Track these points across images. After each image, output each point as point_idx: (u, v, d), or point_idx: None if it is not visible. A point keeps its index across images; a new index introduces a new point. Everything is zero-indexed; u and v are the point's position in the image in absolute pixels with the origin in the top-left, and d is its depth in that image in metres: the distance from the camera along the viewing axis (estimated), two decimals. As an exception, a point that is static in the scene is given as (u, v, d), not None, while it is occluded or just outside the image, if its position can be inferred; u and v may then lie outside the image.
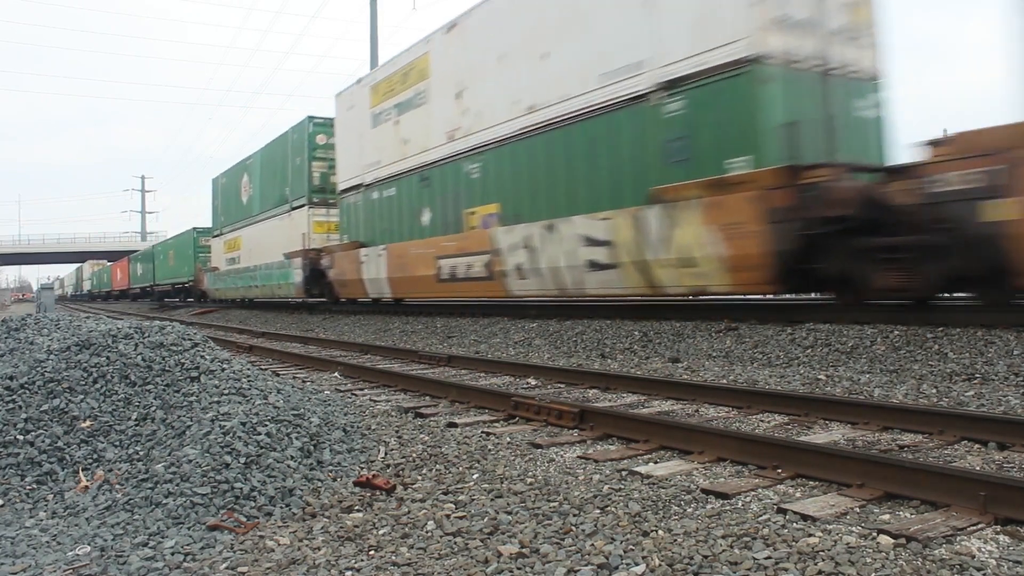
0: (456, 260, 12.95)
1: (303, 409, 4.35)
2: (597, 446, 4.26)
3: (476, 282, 12.41)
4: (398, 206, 15.28)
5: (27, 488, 3.54)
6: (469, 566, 2.51)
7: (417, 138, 14.49)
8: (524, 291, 11.56)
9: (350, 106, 17.52)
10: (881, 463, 3.16)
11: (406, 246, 14.65)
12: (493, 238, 11.94)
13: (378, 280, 15.63)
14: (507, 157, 11.91)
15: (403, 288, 15.02)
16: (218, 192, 28.89)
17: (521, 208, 11.57)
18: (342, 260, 17.22)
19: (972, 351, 6.18)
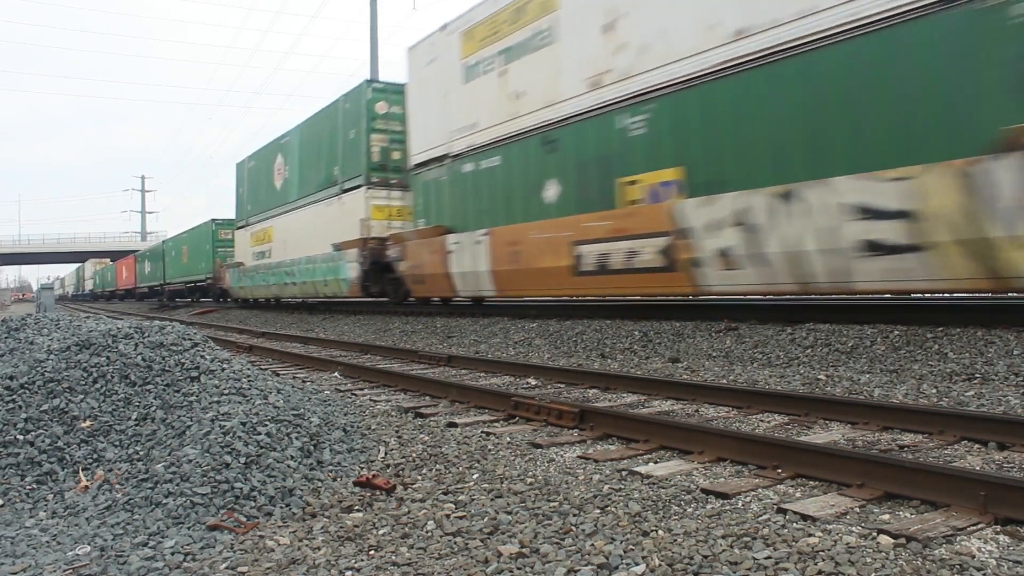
0: (609, 246, 9.65)
1: (303, 409, 4.35)
2: (597, 446, 4.26)
3: (644, 274, 9.22)
4: (505, 179, 11.94)
5: (27, 488, 3.54)
6: (469, 566, 2.51)
7: (537, 90, 11.17)
8: (732, 286, 8.35)
9: (430, 59, 14.05)
10: (881, 463, 3.16)
11: (520, 230, 11.39)
12: (676, 214, 8.73)
13: (474, 274, 12.52)
14: (694, 104, 8.70)
15: (516, 283, 11.75)
16: (243, 178, 25.63)
17: (723, 172, 8.36)
18: (418, 250, 14.11)
19: (972, 351, 6.18)
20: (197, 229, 34.23)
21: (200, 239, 33.31)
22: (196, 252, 33.91)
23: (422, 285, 14.31)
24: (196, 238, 34.21)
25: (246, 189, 25.29)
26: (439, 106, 13.81)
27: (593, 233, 10.02)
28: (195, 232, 34.63)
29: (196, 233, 34.36)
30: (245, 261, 25.29)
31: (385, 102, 16.52)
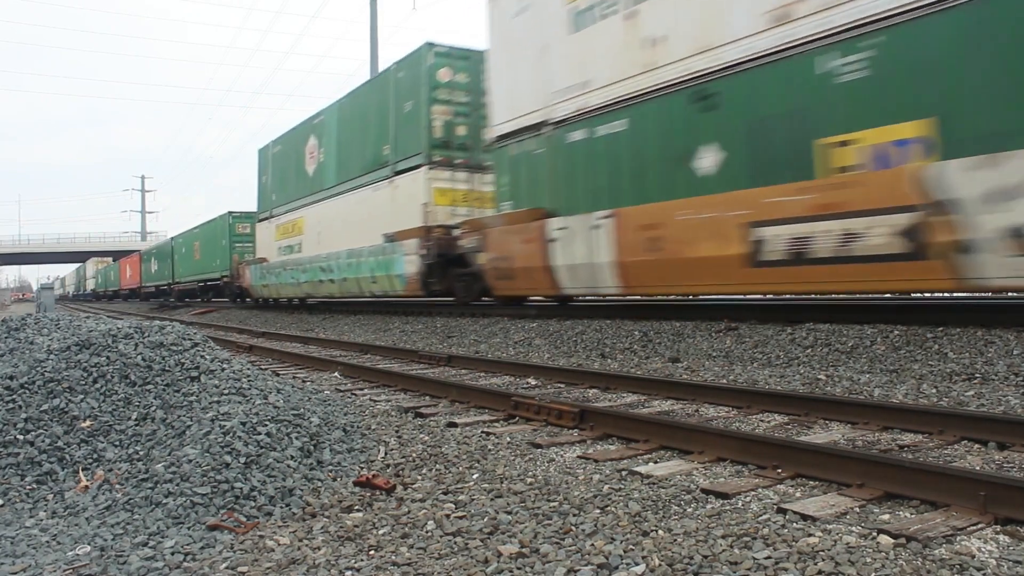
0: (809, 227, 7.44)
1: (303, 409, 4.35)
2: (597, 446, 4.26)
3: (870, 264, 7.00)
4: (635, 147, 9.45)
5: (27, 488, 3.54)
6: (469, 566, 2.51)
7: (684, 33, 8.76)
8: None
9: (520, 8, 11.59)
10: (881, 463, 3.16)
11: (661, 211, 8.94)
12: (929, 182, 6.50)
13: (588, 267, 10.07)
14: (956, 28, 6.39)
15: (654, 278, 9.23)
16: (267, 164, 23.19)
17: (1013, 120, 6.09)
18: (506, 239, 11.67)
19: (972, 351, 6.18)
20: (212, 223, 31.16)
21: (215, 234, 30.40)
22: (210, 248, 31.03)
23: (509, 281, 11.81)
24: (210, 233, 31.21)
25: (270, 177, 22.92)
26: (534, 64, 11.20)
27: (782, 211, 7.67)
28: (209, 227, 31.61)
29: (210, 228, 31.31)
30: (269, 257, 22.70)
31: (449, 68, 14.16)
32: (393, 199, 15.22)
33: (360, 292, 16.78)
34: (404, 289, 14.65)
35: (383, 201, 15.62)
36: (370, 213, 16.12)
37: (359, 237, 16.38)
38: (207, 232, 31.98)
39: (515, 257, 11.52)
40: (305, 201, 19.99)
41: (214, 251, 30.49)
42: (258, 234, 24.65)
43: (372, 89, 16.68)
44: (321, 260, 18.38)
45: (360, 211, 16.63)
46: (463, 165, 14.19)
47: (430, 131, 14.06)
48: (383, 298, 17.58)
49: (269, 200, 23.03)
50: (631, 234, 9.40)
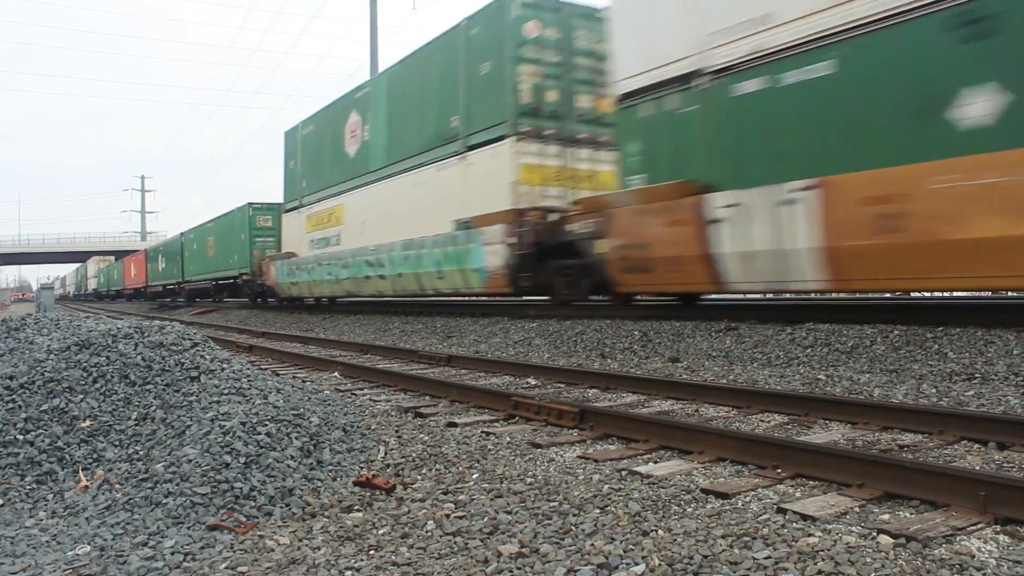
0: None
1: (303, 409, 4.35)
2: (597, 446, 4.26)
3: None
4: (850, 96, 7.15)
5: (27, 488, 3.54)
6: (469, 566, 2.51)
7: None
8: None
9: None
10: (881, 463, 3.16)
11: (903, 176, 6.69)
12: None
13: (777, 255, 7.78)
14: None
15: (890, 267, 6.92)
16: (295, 148, 20.71)
17: None
18: (641, 221, 9.28)
19: (972, 351, 6.18)
20: (229, 216, 28.21)
21: (232, 228, 27.43)
22: (227, 243, 28.11)
23: (644, 275, 9.38)
24: (227, 227, 28.25)
25: (300, 162, 20.43)
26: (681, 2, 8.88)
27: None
28: (225, 220, 28.62)
29: (227, 221, 28.35)
30: (298, 251, 20.23)
31: (538, 22, 11.84)
32: (465, 179, 12.81)
33: (420, 290, 14.27)
34: (484, 285, 12.25)
35: (451, 182, 13.21)
36: (433, 197, 13.65)
37: (418, 225, 14.00)
38: (223, 226, 28.85)
39: (654, 244, 9.06)
40: (345, 187, 17.48)
41: (231, 246, 27.41)
42: (285, 226, 22.00)
43: (435, 52, 13.93)
44: (367, 253, 15.82)
45: (419, 195, 14.18)
46: (554, 137, 11.80)
47: (516, 96, 11.63)
48: (452, 297, 15.37)
49: (298, 188, 20.46)
50: (848, 210, 7.06)
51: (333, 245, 18.13)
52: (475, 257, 12.31)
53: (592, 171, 12.16)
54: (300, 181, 20.48)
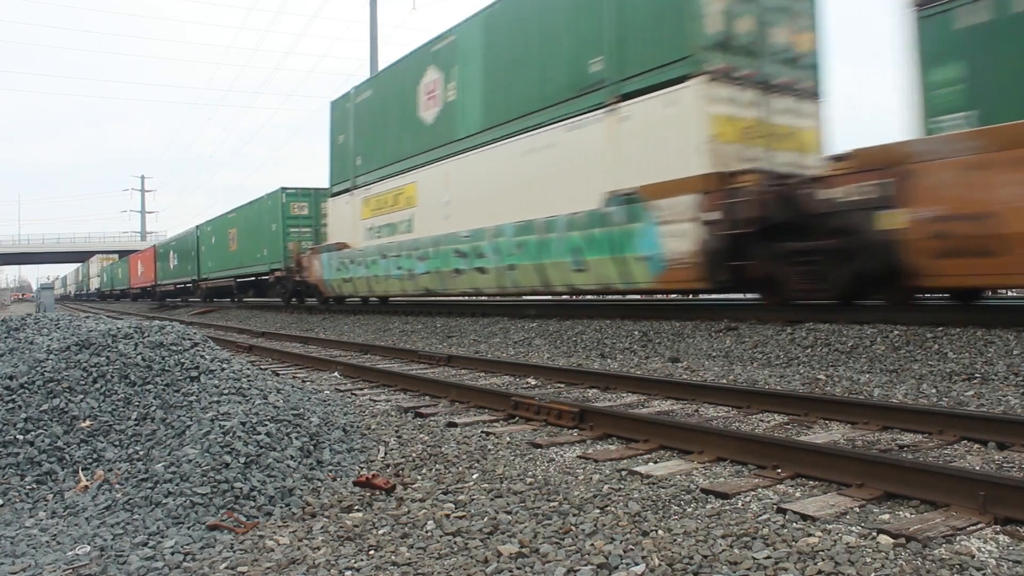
0: None
1: (303, 409, 4.35)
2: (597, 446, 4.26)
3: None
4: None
5: (27, 488, 3.54)
6: (469, 566, 2.51)
7: None
8: None
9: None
10: (881, 463, 3.16)
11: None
12: None
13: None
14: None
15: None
16: (347, 120, 17.45)
17: None
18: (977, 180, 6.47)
19: (972, 351, 6.18)
20: (256, 204, 24.71)
21: (261, 218, 23.86)
22: (254, 235, 24.66)
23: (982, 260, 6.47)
24: (254, 217, 24.71)
25: (352, 136, 17.19)
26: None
27: None
28: (252, 209, 25.10)
29: (254, 210, 24.85)
30: (352, 241, 17.19)
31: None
32: (616, 138, 9.82)
33: (544, 285, 11.17)
34: (658, 279, 9.27)
35: (592, 144, 10.20)
36: (562, 165, 10.67)
37: (536, 203, 11.00)
38: (248, 216, 25.32)
39: (1004, 214, 6.27)
40: (418, 161, 14.40)
41: (259, 239, 23.96)
42: (332, 213, 18.61)
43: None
44: (457, 241, 12.79)
45: (538, 164, 11.11)
46: (749, 80, 8.94)
47: (702, 22, 8.69)
48: (604, 295, 12.74)
49: (349, 167, 17.22)
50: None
51: (402, 233, 14.94)
52: (643, 241, 9.25)
53: (792, 127, 9.28)
54: (353, 159, 17.11)
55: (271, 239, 23.03)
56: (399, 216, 15.30)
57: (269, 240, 23.20)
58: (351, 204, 17.43)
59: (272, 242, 22.93)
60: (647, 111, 9.42)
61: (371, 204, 16.49)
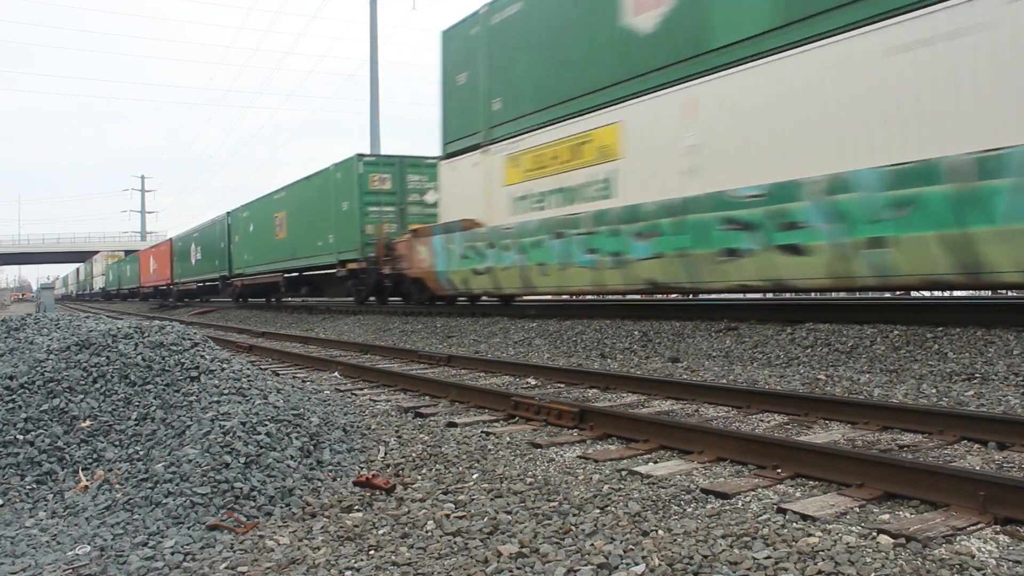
0: None
1: (303, 409, 4.35)
2: (597, 446, 4.26)
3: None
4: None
5: (27, 488, 3.54)
6: (469, 566, 2.51)
7: None
8: None
9: None
10: (881, 463, 3.16)
11: None
12: None
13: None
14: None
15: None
16: (475, 51, 12.86)
17: None
18: None
19: (972, 351, 6.18)
20: (319, 179, 19.70)
21: (325, 195, 19.03)
22: (313, 219, 19.82)
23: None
24: (314, 195, 19.91)
25: (485, 72, 12.72)
26: None
27: None
28: (311, 185, 20.21)
29: (315, 187, 19.93)
30: (484, 217, 12.71)
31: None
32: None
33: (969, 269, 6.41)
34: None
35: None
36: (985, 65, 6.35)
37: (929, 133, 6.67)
38: (306, 195, 20.54)
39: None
40: (624, 91, 9.91)
41: (322, 222, 19.16)
42: (448, 181, 13.94)
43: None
44: (732, 203, 8.19)
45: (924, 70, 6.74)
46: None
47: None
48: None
49: (480, 114, 12.76)
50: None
51: (590, 200, 10.46)
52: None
53: None
54: (485, 103, 12.65)
55: (341, 222, 18.04)
56: (583, 176, 10.59)
57: (338, 223, 18.23)
58: (483, 166, 12.61)
59: (343, 226, 17.95)
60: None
61: (522, 163, 11.55)
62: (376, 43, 25.46)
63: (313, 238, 20.00)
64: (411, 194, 17.76)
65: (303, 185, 21.12)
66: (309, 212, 20.46)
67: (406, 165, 17.89)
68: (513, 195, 12.06)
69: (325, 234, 19.21)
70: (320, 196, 19.70)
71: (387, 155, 18.49)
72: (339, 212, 18.37)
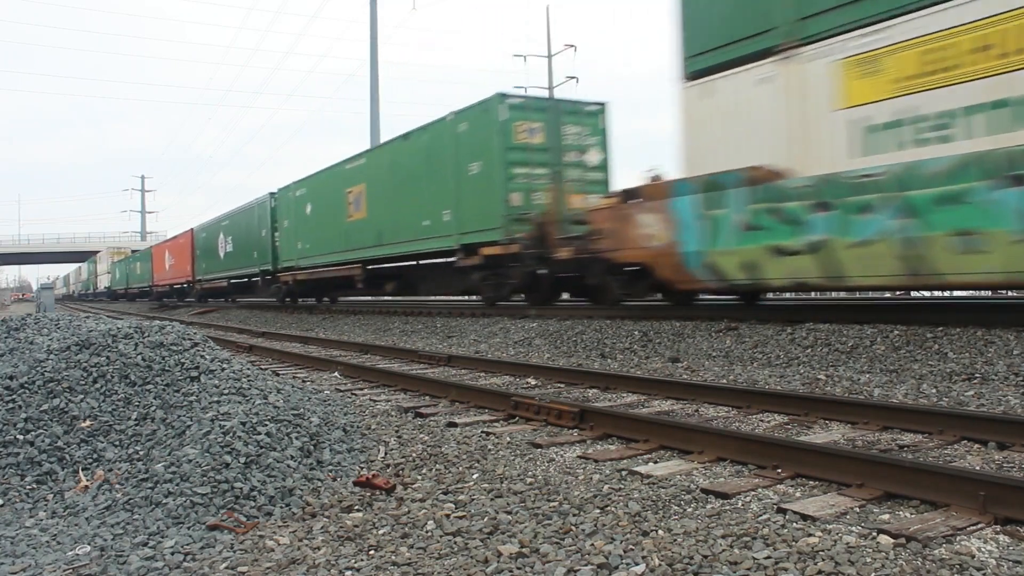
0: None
1: (303, 409, 4.35)
2: (597, 446, 4.26)
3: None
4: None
5: (27, 488, 3.54)
6: (469, 566, 2.51)
7: None
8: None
9: None
10: (881, 463, 3.16)
11: None
12: None
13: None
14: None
15: None
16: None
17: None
18: None
19: (972, 351, 6.18)
20: (428, 132, 14.60)
21: (440, 154, 14.10)
22: (416, 189, 14.82)
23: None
24: (420, 156, 14.75)
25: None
26: None
27: None
28: (415, 143, 15.00)
29: (421, 145, 14.78)
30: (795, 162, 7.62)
31: None
32: None
33: None
34: None
35: None
36: None
37: None
38: (403, 157, 15.36)
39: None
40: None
41: (434, 194, 14.22)
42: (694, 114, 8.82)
43: None
44: None
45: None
46: None
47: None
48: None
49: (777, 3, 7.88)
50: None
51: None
52: None
53: None
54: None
55: (468, 191, 13.18)
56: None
57: (462, 194, 13.34)
58: (787, 81, 7.84)
59: (471, 196, 13.11)
60: None
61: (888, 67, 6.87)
62: (376, 43, 25.48)
63: (413, 216, 14.88)
64: (566, 152, 12.95)
65: (395, 147, 15.78)
66: (407, 182, 15.21)
67: (561, 113, 13.07)
68: (864, 121, 7.15)
69: (436, 210, 14.17)
70: (428, 159, 14.46)
71: (536, 97, 14.71)
72: (464, 178, 13.34)
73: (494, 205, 12.58)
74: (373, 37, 25.50)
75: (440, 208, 14.15)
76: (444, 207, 14.02)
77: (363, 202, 17.28)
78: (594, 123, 13.33)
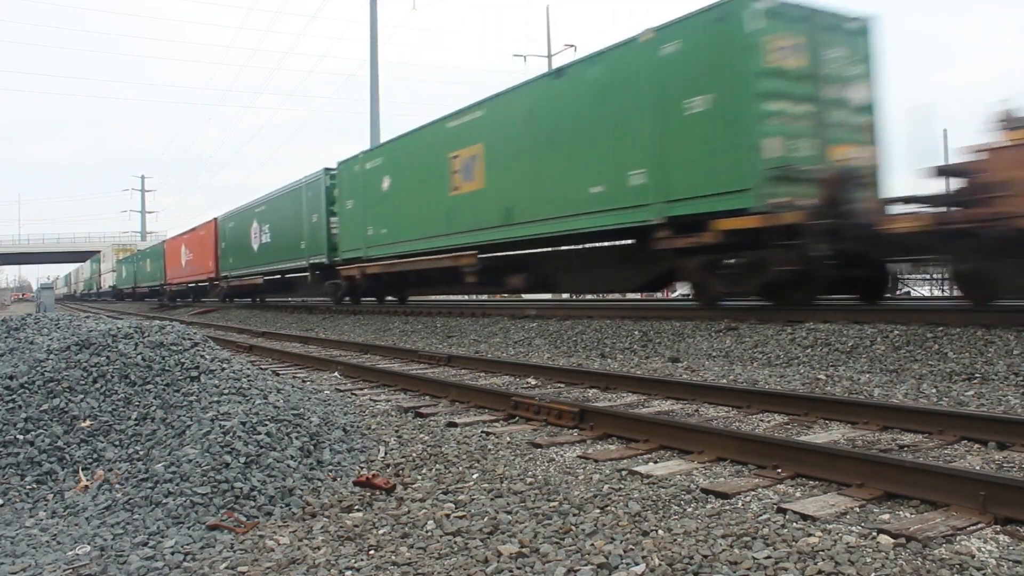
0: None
1: (303, 409, 4.35)
2: (597, 446, 4.26)
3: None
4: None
5: (27, 488, 3.54)
6: (469, 566, 2.51)
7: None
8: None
9: None
10: (881, 463, 3.16)
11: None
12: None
13: None
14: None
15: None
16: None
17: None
18: None
19: (972, 351, 6.18)
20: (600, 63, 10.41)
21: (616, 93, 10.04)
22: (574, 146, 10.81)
23: None
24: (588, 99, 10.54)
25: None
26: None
27: None
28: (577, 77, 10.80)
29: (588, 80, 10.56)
30: None
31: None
32: None
33: None
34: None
35: None
36: None
37: None
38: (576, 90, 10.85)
39: None
40: None
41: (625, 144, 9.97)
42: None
43: None
44: None
45: None
46: None
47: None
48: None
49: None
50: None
51: None
52: None
53: None
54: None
55: (702, 138, 9.00)
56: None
57: (689, 143, 9.16)
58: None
59: (702, 147, 8.99)
60: None
61: None
62: (376, 43, 25.47)
63: (570, 183, 11.00)
64: (827, 85, 9.02)
65: (536, 90, 11.86)
66: (560, 135, 11.24)
67: (819, 29, 9.04)
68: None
69: (616, 171, 10.17)
70: (601, 99, 10.48)
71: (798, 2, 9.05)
72: (675, 121, 9.34)
73: (740, 156, 8.53)
74: (373, 37, 25.50)
75: (625, 167, 9.98)
76: (633, 165, 9.85)
77: (478, 168, 12.96)
78: (859, 45, 9.38)
